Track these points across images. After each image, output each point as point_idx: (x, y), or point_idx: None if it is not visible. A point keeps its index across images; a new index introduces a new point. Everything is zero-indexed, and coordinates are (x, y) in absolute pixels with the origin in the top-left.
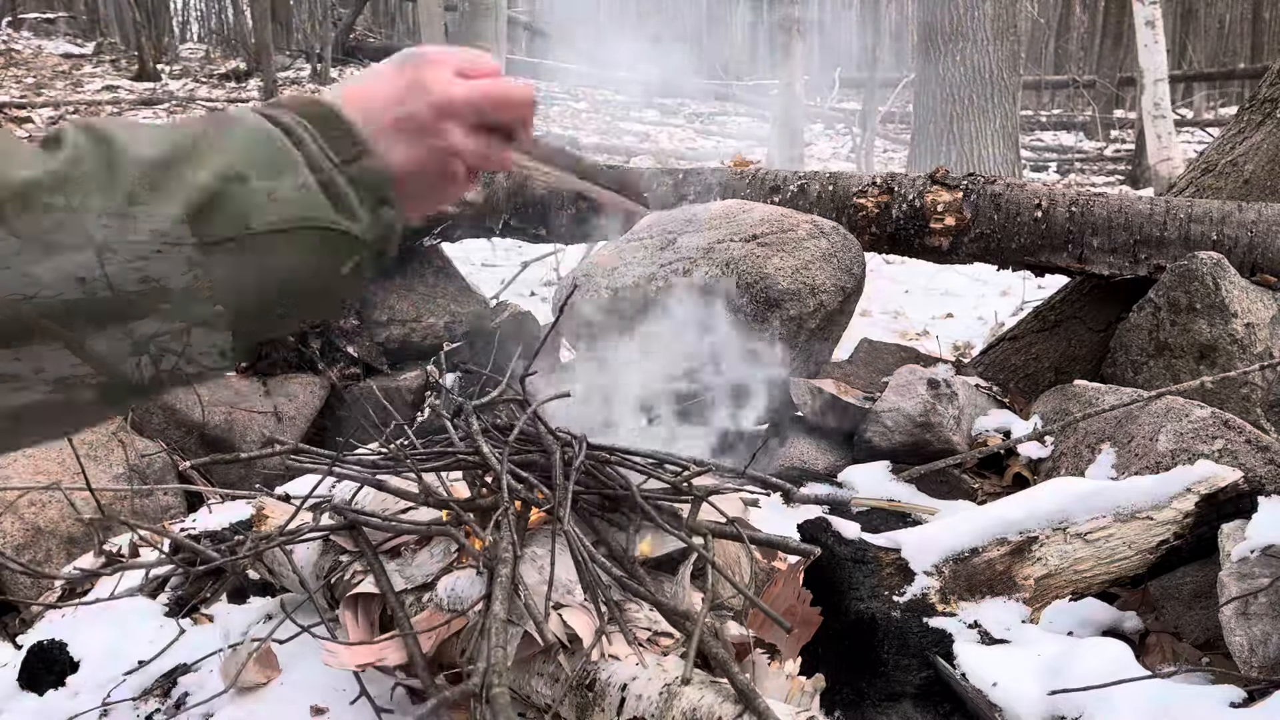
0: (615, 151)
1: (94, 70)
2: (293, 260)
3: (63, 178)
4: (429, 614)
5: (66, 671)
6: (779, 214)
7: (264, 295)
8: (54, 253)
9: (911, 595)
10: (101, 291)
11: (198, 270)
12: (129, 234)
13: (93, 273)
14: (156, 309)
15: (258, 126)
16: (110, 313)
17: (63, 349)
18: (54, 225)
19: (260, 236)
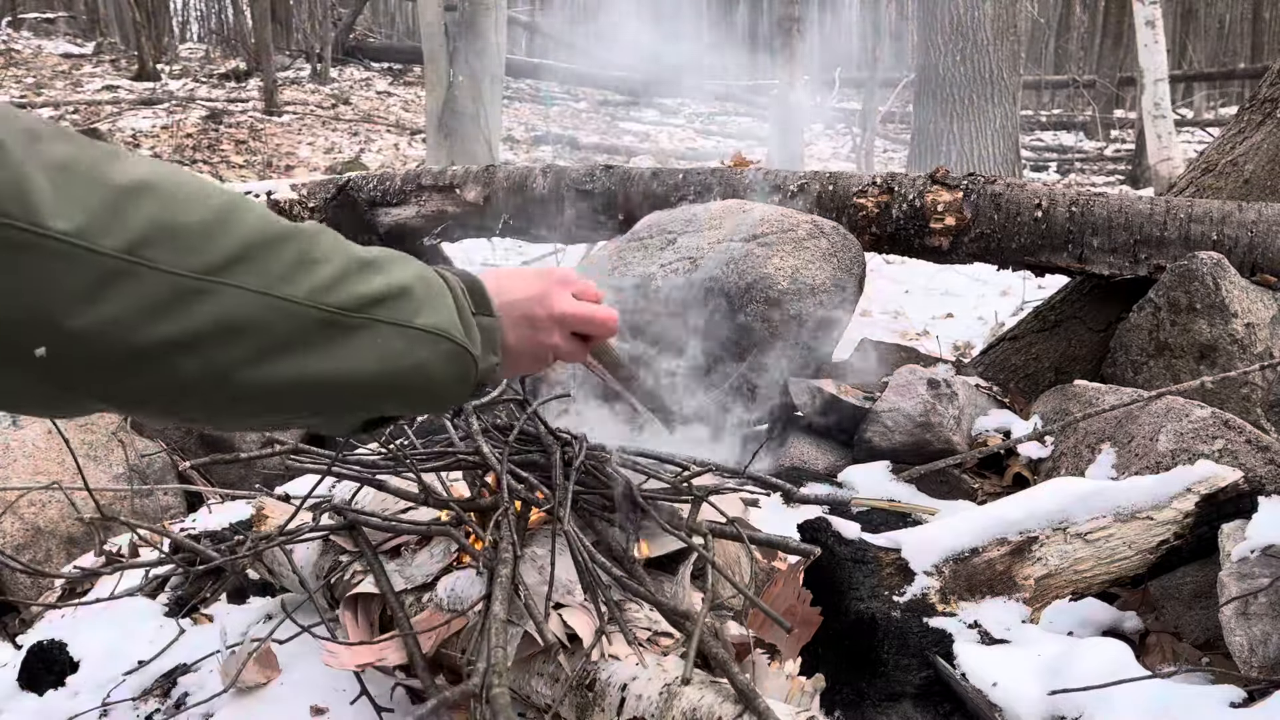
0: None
1: (94, 70)
2: (430, 357)
3: (311, 234)
4: (429, 614)
5: (66, 671)
6: (779, 214)
7: (400, 375)
8: (290, 283)
9: (911, 595)
10: (303, 317)
11: (372, 336)
12: (334, 295)
13: (312, 312)
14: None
15: (426, 269)
16: (298, 338)
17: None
18: (295, 264)
19: (414, 330)
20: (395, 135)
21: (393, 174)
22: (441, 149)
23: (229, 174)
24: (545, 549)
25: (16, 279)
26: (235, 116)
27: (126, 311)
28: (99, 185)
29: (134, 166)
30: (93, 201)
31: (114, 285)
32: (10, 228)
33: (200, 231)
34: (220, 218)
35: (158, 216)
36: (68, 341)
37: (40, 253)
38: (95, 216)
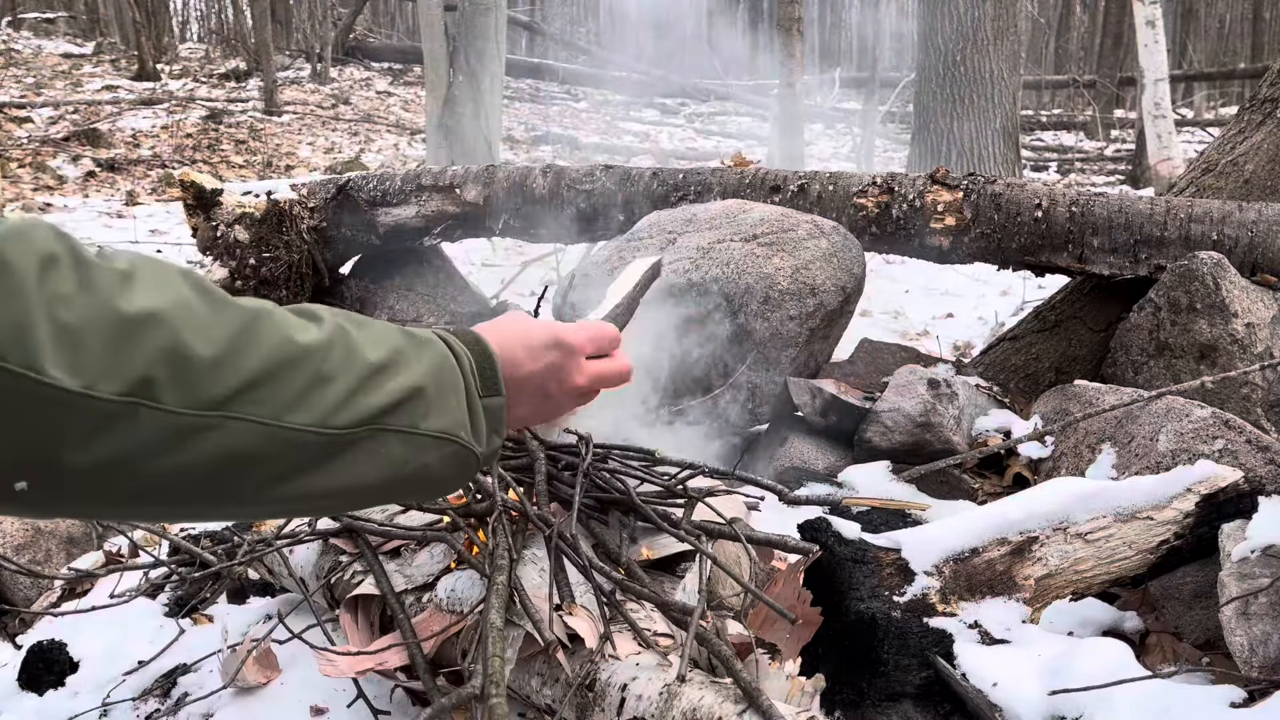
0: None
1: (94, 70)
2: (434, 461)
3: (325, 346)
4: (429, 614)
5: (66, 671)
6: (779, 214)
7: (400, 481)
8: (299, 410)
9: (912, 595)
10: (310, 443)
11: (378, 446)
12: (343, 414)
13: (317, 438)
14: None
15: (444, 352)
16: (306, 463)
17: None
18: (306, 389)
19: (420, 437)
20: (395, 135)
21: (393, 174)
22: (441, 149)
23: (229, 174)
24: (545, 549)
25: (8, 421)
26: (235, 116)
27: (125, 451)
28: (107, 320)
29: (149, 292)
30: (98, 341)
31: (112, 428)
32: (6, 371)
33: (209, 365)
34: (233, 345)
35: (165, 350)
36: (59, 479)
37: (35, 398)
38: (98, 359)
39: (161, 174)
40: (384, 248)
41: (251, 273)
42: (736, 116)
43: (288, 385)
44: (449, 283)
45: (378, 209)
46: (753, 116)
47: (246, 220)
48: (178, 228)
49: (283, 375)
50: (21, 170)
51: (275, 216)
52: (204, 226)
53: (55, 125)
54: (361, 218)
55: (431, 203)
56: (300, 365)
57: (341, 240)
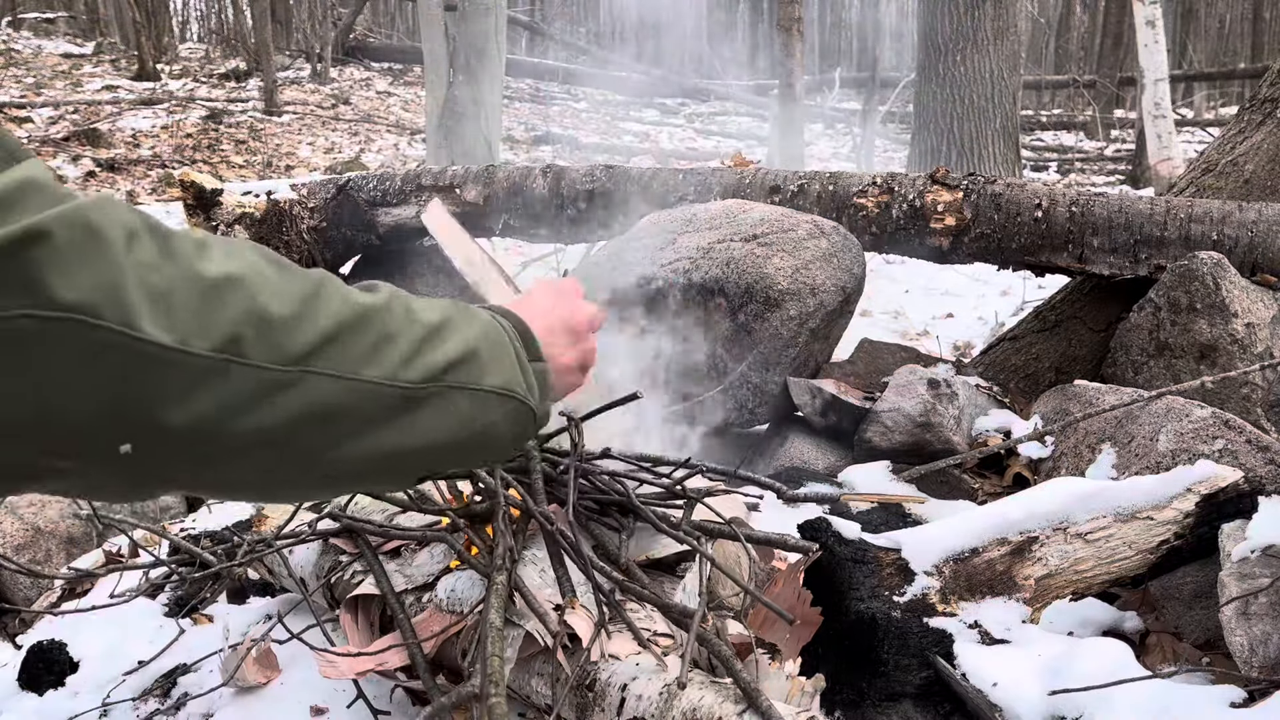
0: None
1: (94, 70)
2: (498, 417)
3: (385, 308)
4: (429, 614)
5: (66, 671)
6: (779, 214)
7: (470, 438)
8: (371, 364)
9: (912, 595)
10: (384, 396)
11: (446, 403)
12: (411, 369)
13: (392, 390)
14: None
15: (490, 318)
16: (380, 416)
17: None
18: (375, 345)
19: (483, 393)
20: (395, 135)
21: (393, 174)
22: (441, 149)
23: (229, 174)
24: (545, 550)
25: (110, 380)
26: (235, 116)
27: (218, 407)
28: (192, 284)
29: (225, 259)
30: (187, 303)
31: (206, 383)
32: (107, 330)
33: (287, 323)
34: (305, 306)
35: (247, 311)
36: (159, 438)
37: (134, 355)
38: (189, 319)
39: (161, 174)
40: (384, 248)
41: None
42: (736, 116)
43: (359, 341)
44: (449, 283)
45: (378, 209)
46: (753, 116)
47: (246, 220)
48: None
49: (353, 332)
50: None
51: (275, 216)
52: (204, 227)
53: (55, 125)
54: (361, 218)
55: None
56: (367, 323)
57: (341, 240)
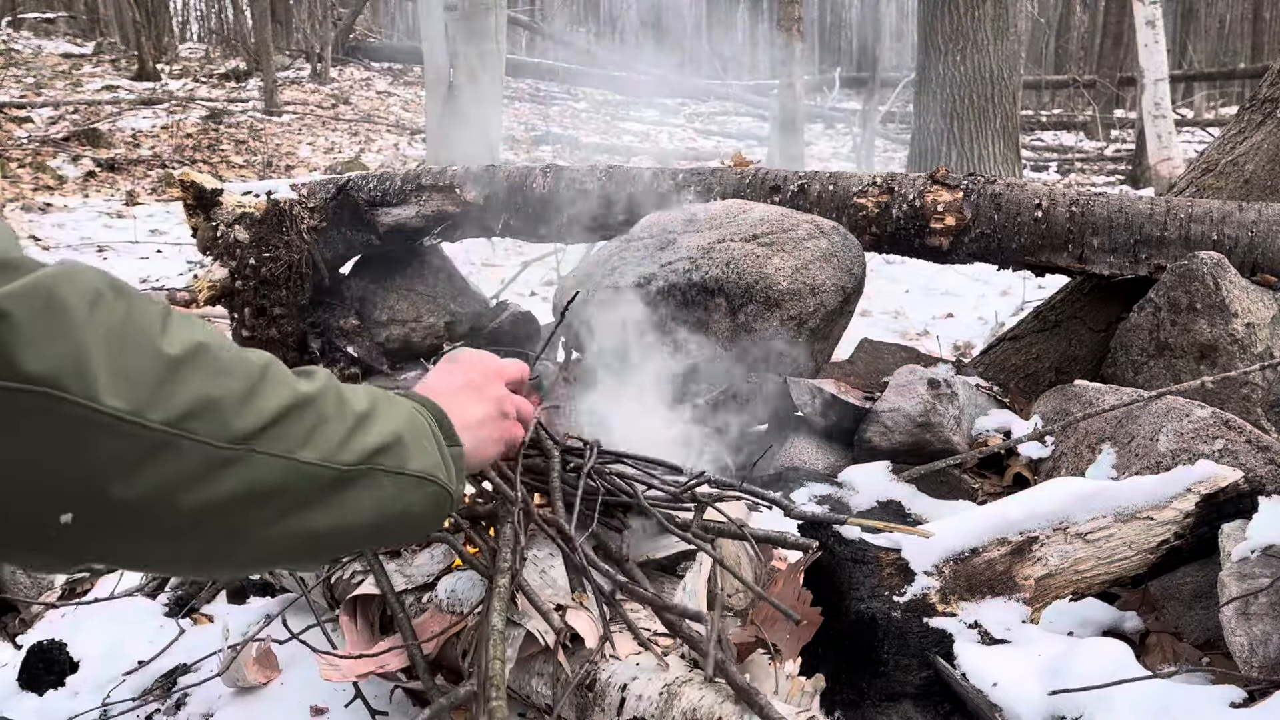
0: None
1: (94, 70)
2: (417, 500)
3: (321, 395)
4: (430, 615)
5: (66, 671)
6: (779, 214)
7: (389, 520)
8: (309, 447)
9: (912, 595)
10: (319, 478)
11: (371, 485)
12: (344, 452)
13: (325, 472)
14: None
15: (411, 407)
16: (313, 496)
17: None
18: (313, 428)
19: (406, 477)
20: (395, 135)
21: (393, 174)
22: (441, 149)
23: (229, 174)
24: (545, 551)
25: (64, 450)
26: (235, 116)
27: (166, 482)
28: (152, 357)
29: (185, 335)
30: (146, 376)
31: (157, 457)
32: (66, 402)
33: (237, 403)
34: (253, 387)
35: (202, 389)
36: (103, 510)
37: (91, 427)
38: (147, 392)
39: (161, 174)
40: (384, 248)
41: (251, 273)
42: (736, 116)
43: (299, 424)
44: (449, 283)
45: (378, 209)
46: (753, 116)
47: (246, 220)
48: (178, 228)
49: (294, 415)
50: (21, 170)
51: (275, 216)
52: (204, 226)
53: (55, 125)
54: (361, 217)
55: (431, 203)
56: (307, 407)
57: (341, 240)
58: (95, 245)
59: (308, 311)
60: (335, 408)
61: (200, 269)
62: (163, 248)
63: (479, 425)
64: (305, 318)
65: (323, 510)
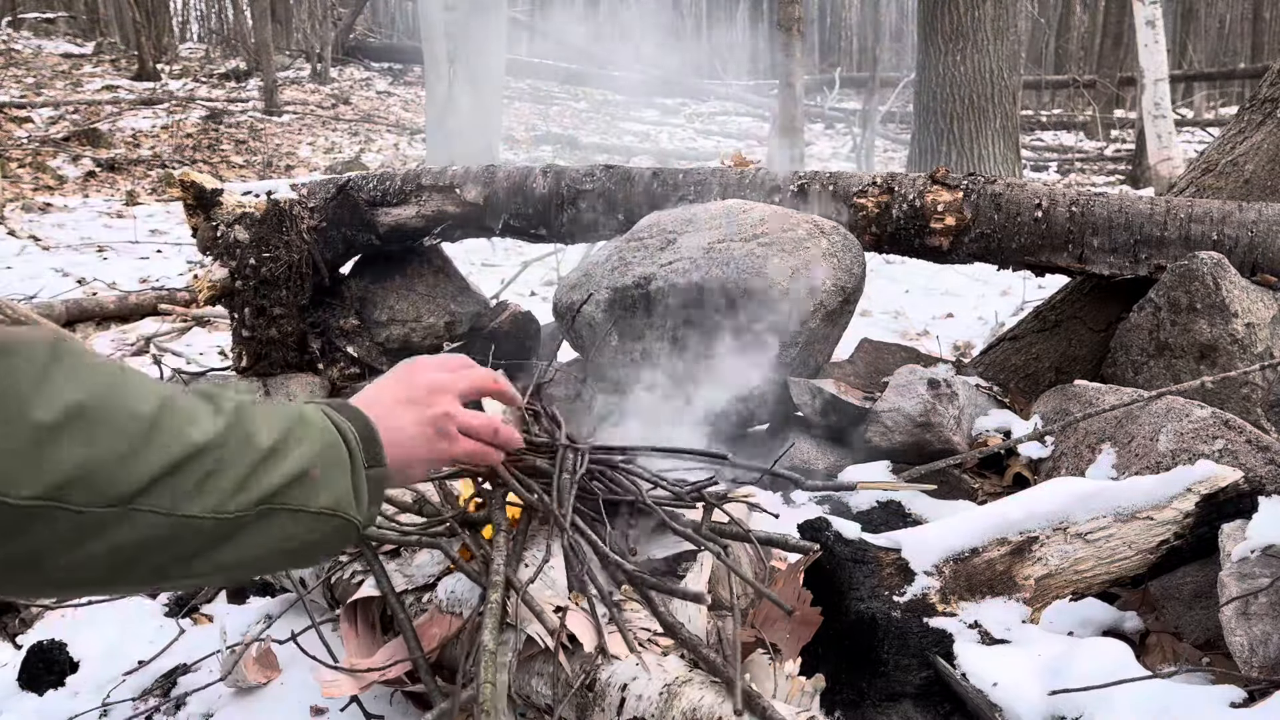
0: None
1: (94, 70)
2: (320, 535)
3: (220, 442)
4: (431, 616)
5: (66, 671)
6: (779, 214)
7: (285, 553)
8: (195, 500)
9: (912, 595)
10: (206, 528)
11: (270, 524)
12: (237, 500)
13: (211, 522)
14: (237, 545)
15: (329, 430)
16: (202, 545)
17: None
18: (201, 481)
19: (309, 514)
20: (395, 135)
21: (393, 174)
22: (441, 149)
23: (229, 174)
24: (545, 551)
25: None
26: (235, 116)
27: (36, 548)
28: (21, 428)
29: (63, 391)
30: (15, 449)
31: (26, 530)
32: None
33: (116, 463)
34: (139, 443)
35: (76, 455)
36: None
37: None
38: (16, 466)
39: (161, 174)
40: (384, 248)
41: (251, 273)
42: (736, 116)
43: (187, 478)
44: (449, 283)
45: (378, 209)
46: (753, 116)
47: (246, 220)
48: (178, 228)
49: (183, 468)
50: (21, 170)
51: (275, 216)
52: (204, 226)
53: (55, 125)
54: (361, 217)
55: (431, 203)
56: (198, 459)
57: (341, 240)
58: (95, 245)
59: (308, 311)
60: (236, 451)
61: (200, 269)
62: (163, 248)
63: (409, 442)
64: (305, 318)
65: (213, 553)
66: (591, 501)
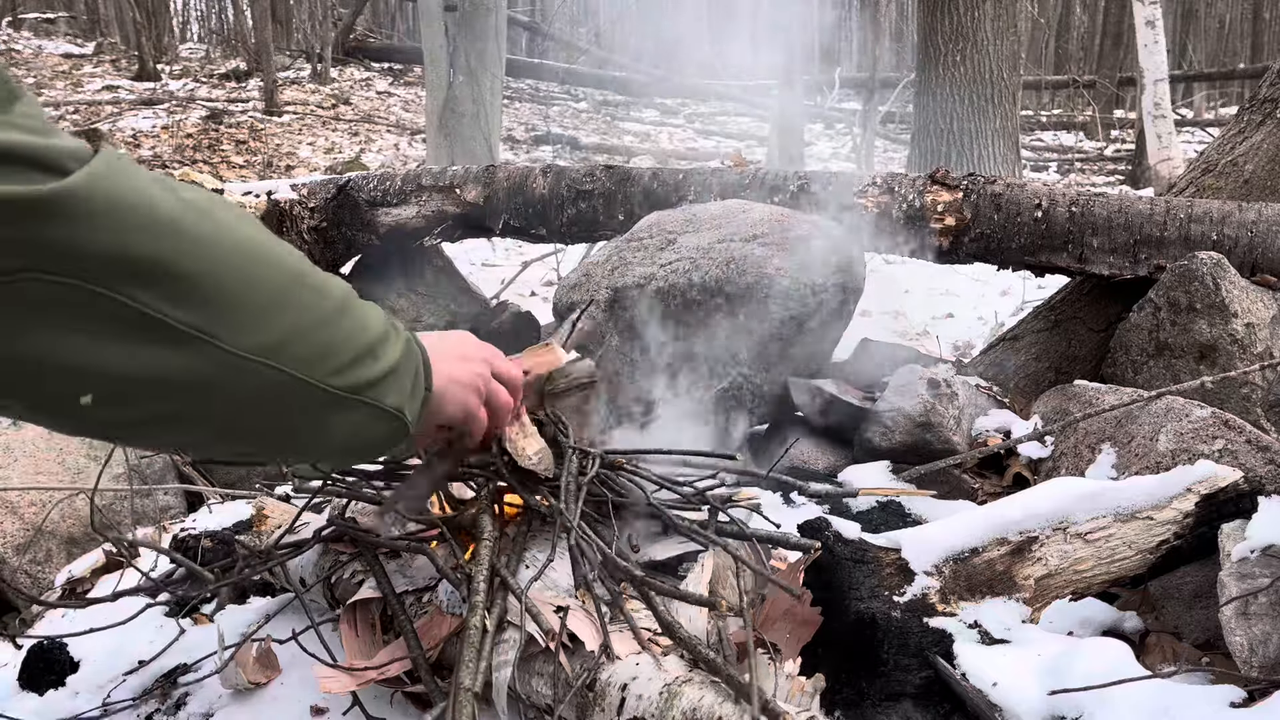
0: (615, 151)
1: (94, 70)
2: (382, 432)
3: (341, 311)
4: (431, 618)
5: (66, 671)
6: (779, 214)
7: (356, 446)
8: (317, 366)
9: (912, 595)
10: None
11: (353, 413)
12: (341, 378)
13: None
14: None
15: (411, 338)
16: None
17: None
18: (323, 350)
19: (380, 409)
20: (395, 135)
21: (393, 174)
22: (441, 149)
23: (229, 174)
24: (547, 553)
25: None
26: (235, 116)
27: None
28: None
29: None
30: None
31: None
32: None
33: (263, 310)
34: (278, 300)
35: (224, 294)
36: (121, 394)
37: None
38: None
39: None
40: (384, 248)
41: None
42: (736, 116)
43: (314, 341)
44: (449, 283)
45: (378, 209)
46: (753, 116)
47: None
48: None
49: (312, 334)
50: None
51: (276, 216)
52: None
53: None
54: (361, 218)
55: (431, 203)
56: (325, 328)
57: (341, 240)
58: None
59: None
60: (351, 332)
61: None
62: None
63: (451, 381)
64: None
65: (308, 423)
66: (596, 503)
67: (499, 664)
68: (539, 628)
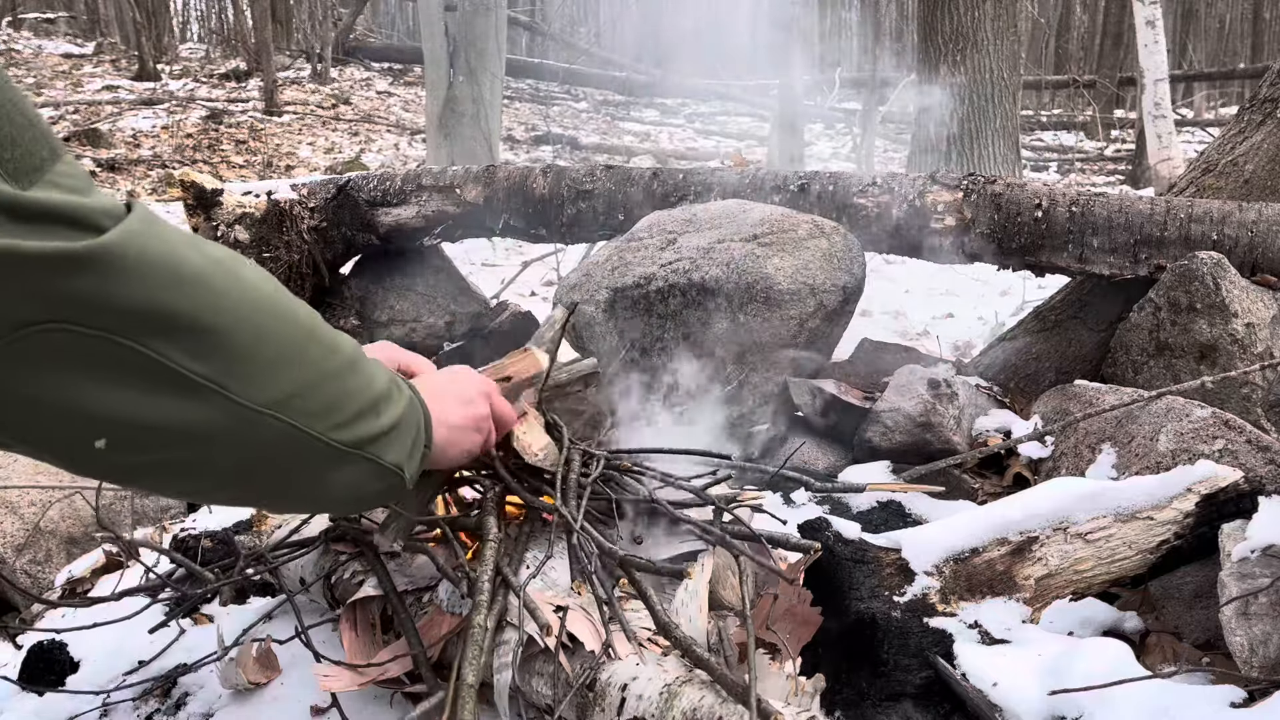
0: (615, 151)
1: (94, 70)
2: (379, 487)
3: (349, 368)
4: (432, 618)
5: (66, 671)
6: (779, 214)
7: (351, 499)
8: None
9: (912, 595)
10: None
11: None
12: (344, 432)
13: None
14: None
15: (414, 396)
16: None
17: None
18: (329, 405)
19: (380, 466)
20: (395, 135)
21: (393, 174)
22: (441, 149)
23: (229, 174)
24: (544, 552)
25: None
26: (235, 116)
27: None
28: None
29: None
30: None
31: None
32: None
33: (272, 365)
34: (288, 354)
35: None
36: (133, 440)
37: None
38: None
39: (161, 174)
40: (384, 248)
41: None
42: (736, 116)
43: (322, 396)
44: (449, 283)
45: (378, 209)
46: (753, 116)
47: (247, 220)
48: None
49: (320, 389)
50: None
51: (275, 216)
52: (204, 227)
53: (55, 125)
54: (361, 218)
55: (431, 203)
56: (332, 383)
57: (341, 240)
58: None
59: None
60: (357, 388)
61: None
62: None
63: (451, 431)
64: None
65: (308, 475)
66: (598, 503)
67: (499, 666)
68: (536, 625)
